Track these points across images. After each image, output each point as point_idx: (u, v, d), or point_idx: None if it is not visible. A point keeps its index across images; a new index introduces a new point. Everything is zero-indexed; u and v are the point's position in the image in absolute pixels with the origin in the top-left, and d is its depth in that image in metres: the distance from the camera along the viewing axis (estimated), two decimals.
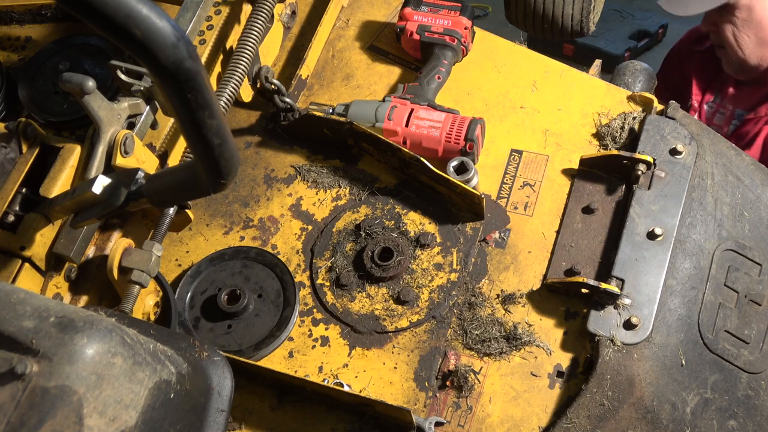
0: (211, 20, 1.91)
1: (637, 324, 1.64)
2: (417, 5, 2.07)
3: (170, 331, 1.42)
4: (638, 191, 1.78)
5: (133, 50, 1.04)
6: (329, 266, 1.84)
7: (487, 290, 1.77)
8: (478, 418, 1.64)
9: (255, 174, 1.99)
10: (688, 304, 1.68)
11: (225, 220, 1.94)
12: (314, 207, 1.93)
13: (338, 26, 2.19)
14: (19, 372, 1.09)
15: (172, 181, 1.39)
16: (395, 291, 1.79)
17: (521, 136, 1.96)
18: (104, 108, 1.58)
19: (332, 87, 2.10)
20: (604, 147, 1.91)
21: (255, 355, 1.74)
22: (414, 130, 1.89)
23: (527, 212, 1.86)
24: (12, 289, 1.19)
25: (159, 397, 1.22)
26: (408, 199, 1.90)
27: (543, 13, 2.27)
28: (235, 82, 1.82)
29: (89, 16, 1.00)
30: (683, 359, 1.64)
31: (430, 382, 1.69)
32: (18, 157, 1.60)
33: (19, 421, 1.08)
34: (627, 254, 1.71)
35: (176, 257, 1.90)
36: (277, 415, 1.69)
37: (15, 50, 2.14)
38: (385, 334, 1.75)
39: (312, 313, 1.80)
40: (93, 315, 1.19)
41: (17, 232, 1.54)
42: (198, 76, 1.08)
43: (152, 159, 1.71)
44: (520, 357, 1.69)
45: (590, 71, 2.24)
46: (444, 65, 2.01)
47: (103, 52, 1.98)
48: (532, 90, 2.03)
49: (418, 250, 1.83)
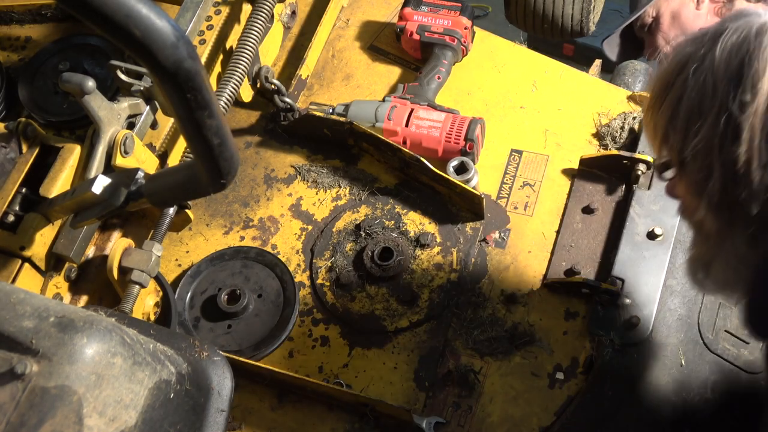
0: (211, 20, 1.91)
1: (637, 324, 1.64)
2: (417, 5, 2.07)
3: (170, 331, 1.42)
4: (638, 191, 1.78)
5: (133, 50, 1.04)
6: (329, 266, 1.84)
7: (487, 290, 1.77)
8: (478, 418, 1.64)
9: (255, 174, 1.99)
10: (688, 304, 1.68)
11: (225, 220, 1.94)
12: (314, 207, 1.93)
13: (338, 26, 2.19)
14: (18, 372, 1.09)
15: (172, 181, 1.39)
16: (395, 291, 1.79)
17: (521, 136, 1.96)
18: (104, 108, 1.58)
19: (332, 87, 2.10)
20: (604, 147, 1.91)
21: (255, 355, 1.74)
22: (414, 130, 1.89)
23: (527, 212, 1.86)
24: (12, 289, 1.19)
25: (159, 397, 1.22)
26: (408, 199, 1.90)
27: (543, 13, 2.27)
28: (235, 82, 1.82)
29: (89, 16, 1.00)
30: (683, 359, 1.64)
31: (430, 382, 1.69)
32: (18, 157, 1.60)
33: (18, 421, 1.08)
34: (627, 254, 1.71)
35: (176, 257, 1.90)
36: (277, 415, 1.68)
37: (15, 50, 2.14)
38: (385, 334, 1.75)
39: (312, 313, 1.80)
40: (93, 315, 1.19)
41: (17, 232, 1.54)
42: (198, 76, 1.08)
43: (152, 159, 1.71)
44: (520, 357, 1.69)
45: (590, 71, 2.24)
46: (444, 65, 2.01)
47: (103, 52, 1.98)
48: (532, 90, 2.03)
49: (418, 250, 1.83)
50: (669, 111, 1.15)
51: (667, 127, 1.16)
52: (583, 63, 2.84)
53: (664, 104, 1.16)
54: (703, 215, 1.18)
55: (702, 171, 1.12)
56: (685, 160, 1.14)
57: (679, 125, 1.13)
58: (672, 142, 1.16)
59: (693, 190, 1.18)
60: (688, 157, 1.13)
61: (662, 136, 1.18)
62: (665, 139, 1.18)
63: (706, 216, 1.18)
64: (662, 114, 1.16)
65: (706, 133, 1.09)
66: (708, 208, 1.16)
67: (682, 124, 1.13)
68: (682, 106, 1.12)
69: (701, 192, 1.15)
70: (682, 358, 1.64)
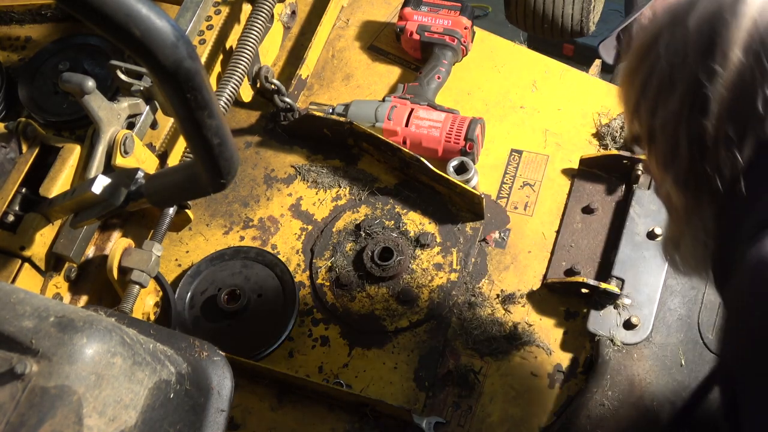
0: (211, 20, 1.91)
1: (637, 324, 1.64)
2: (417, 5, 2.07)
3: (170, 331, 1.42)
4: (638, 191, 1.78)
5: (133, 50, 1.04)
6: (329, 266, 1.84)
7: (487, 290, 1.77)
8: (478, 418, 1.64)
9: (255, 174, 1.99)
10: (688, 304, 1.68)
11: (225, 220, 1.94)
12: (314, 207, 1.93)
13: (338, 26, 2.19)
14: (18, 372, 1.09)
15: (172, 181, 1.39)
16: (395, 291, 1.79)
17: (521, 136, 1.96)
18: (104, 108, 1.58)
19: (332, 87, 2.10)
20: (604, 147, 1.90)
21: (255, 355, 1.74)
22: (414, 130, 1.89)
23: (527, 212, 1.86)
24: (12, 289, 1.19)
25: (159, 397, 1.22)
26: (408, 199, 1.90)
27: (543, 13, 2.27)
28: (235, 82, 1.82)
29: (89, 16, 1.00)
30: (683, 359, 1.64)
31: (430, 382, 1.69)
32: (18, 157, 1.60)
33: (18, 420, 1.08)
34: (627, 254, 1.71)
35: (176, 257, 1.90)
36: (277, 415, 1.68)
37: (15, 50, 2.14)
38: (385, 334, 1.75)
39: (312, 313, 1.80)
40: (93, 315, 1.19)
41: (17, 232, 1.54)
42: (197, 76, 1.08)
43: (152, 159, 1.71)
44: (520, 357, 1.69)
45: (590, 71, 2.25)
46: (444, 65, 2.01)
47: (103, 52, 1.98)
48: (532, 90, 2.03)
49: (418, 250, 1.83)
50: (641, 82, 1.12)
51: (638, 98, 1.13)
52: (583, 63, 2.84)
53: (637, 75, 1.13)
54: (669, 190, 1.16)
55: (669, 144, 1.10)
56: (654, 133, 1.12)
57: (650, 96, 1.11)
58: (642, 113, 1.13)
59: (661, 165, 1.15)
60: (657, 130, 1.11)
61: (633, 108, 1.15)
62: (636, 110, 1.15)
63: (672, 191, 1.15)
64: (634, 85, 1.14)
65: (674, 104, 1.07)
66: (675, 183, 1.13)
67: (652, 94, 1.10)
68: (653, 77, 1.10)
69: (668, 166, 1.12)
70: (682, 358, 1.64)
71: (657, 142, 1.13)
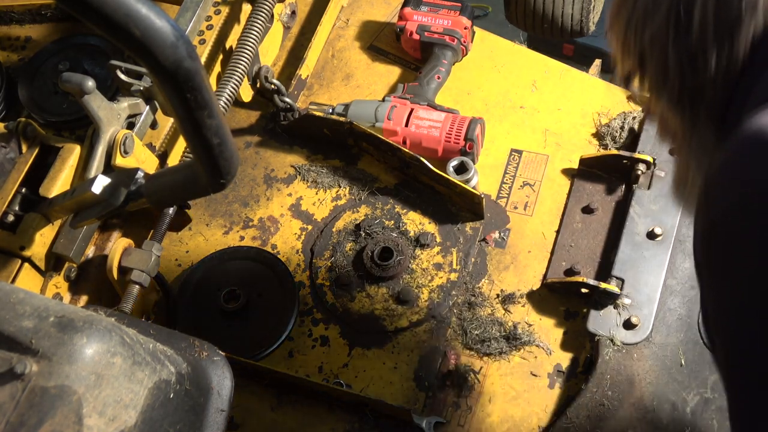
0: (210, 20, 1.91)
1: (636, 324, 1.64)
2: (417, 5, 2.07)
3: (170, 331, 1.42)
4: (638, 191, 1.78)
5: (133, 50, 1.04)
6: (329, 266, 1.84)
7: (487, 290, 1.77)
8: (478, 418, 1.64)
9: (255, 174, 1.99)
10: (688, 304, 1.68)
11: (225, 220, 1.94)
12: (314, 207, 1.93)
13: (338, 26, 2.19)
14: (18, 372, 1.09)
15: (172, 181, 1.39)
16: (395, 291, 1.79)
17: (521, 136, 1.96)
18: (104, 108, 1.58)
19: (332, 87, 2.10)
20: (604, 147, 1.90)
21: (255, 355, 1.74)
22: (414, 129, 1.89)
23: (527, 212, 1.86)
24: (12, 288, 1.19)
25: (159, 396, 1.22)
26: (408, 199, 1.90)
27: (543, 13, 2.27)
28: (234, 82, 1.82)
29: (88, 16, 1.00)
30: (683, 359, 1.64)
31: (430, 382, 1.69)
32: (18, 157, 1.60)
33: (18, 420, 1.08)
34: (627, 254, 1.71)
35: (176, 257, 1.90)
36: (277, 415, 1.68)
37: (15, 50, 2.14)
38: (385, 334, 1.75)
39: (312, 313, 1.80)
40: (92, 315, 1.19)
41: (17, 232, 1.54)
42: (197, 76, 1.08)
43: (152, 159, 1.71)
44: (520, 357, 1.69)
45: (590, 71, 2.24)
46: (444, 65, 2.01)
47: (103, 52, 1.98)
48: (532, 90, 2.03)
49: (418, 249, 1.83)
50: (627, 13, 1.12)
51: (625, 30, 1.13)
52: (583, 63, 2.83)
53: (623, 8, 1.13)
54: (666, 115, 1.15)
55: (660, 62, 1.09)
56: (644, 56, 1.11)
57: (635, 23, 1.10)
58: (630, 43, 1.13)
59: (654, 90, 1.14)
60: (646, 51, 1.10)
61: (622, 41, 1.15)
62: (625, 43, 1.14)
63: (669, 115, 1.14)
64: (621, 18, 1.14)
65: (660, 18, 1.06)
66: (670, 104, 1.12)
67: (638, 21, 1.10)
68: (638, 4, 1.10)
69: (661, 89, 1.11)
70: (682, 358, 1.64)
71: (647, 65, 1.12)
